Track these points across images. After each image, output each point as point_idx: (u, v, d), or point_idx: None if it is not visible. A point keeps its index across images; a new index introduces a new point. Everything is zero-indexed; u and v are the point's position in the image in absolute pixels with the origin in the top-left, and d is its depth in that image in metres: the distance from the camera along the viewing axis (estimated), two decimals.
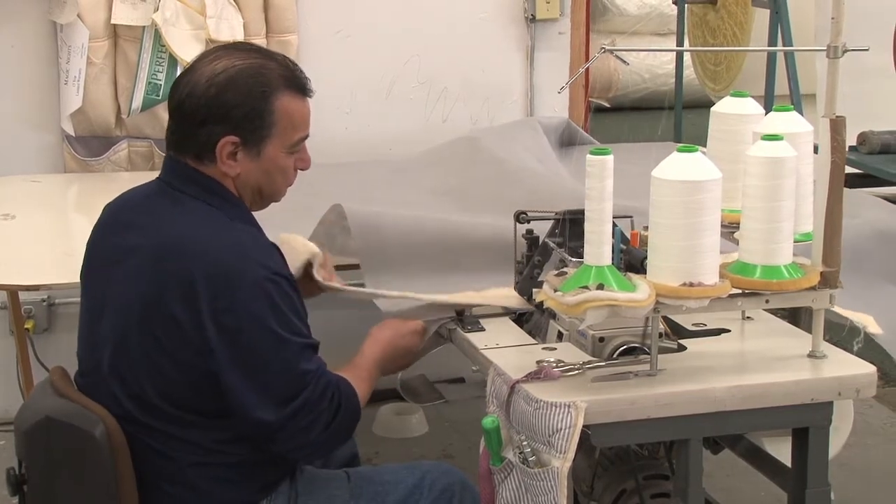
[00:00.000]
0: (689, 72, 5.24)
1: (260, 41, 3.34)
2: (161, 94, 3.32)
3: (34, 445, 1.84)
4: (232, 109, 1.82)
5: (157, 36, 3.27)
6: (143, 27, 3.28)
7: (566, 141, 3.25)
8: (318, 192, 2.57)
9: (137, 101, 3.32)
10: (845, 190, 1.81)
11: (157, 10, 3.25)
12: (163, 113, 3.38)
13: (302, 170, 1.94)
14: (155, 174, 1.96)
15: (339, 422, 1.85)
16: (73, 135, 3.35)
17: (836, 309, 1.91)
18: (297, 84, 1.89)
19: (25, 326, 3.24)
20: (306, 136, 1.92)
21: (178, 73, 3.29)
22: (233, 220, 1.85)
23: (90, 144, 3.38)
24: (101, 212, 1.97)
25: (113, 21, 3.27)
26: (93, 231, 1.96)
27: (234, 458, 1.84)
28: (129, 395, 1.83)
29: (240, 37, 3.30)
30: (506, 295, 2.13)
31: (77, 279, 1.97)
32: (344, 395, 1.86)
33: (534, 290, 2.04)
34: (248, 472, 1.86)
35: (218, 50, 1.91)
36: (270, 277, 1.79)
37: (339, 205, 2.30)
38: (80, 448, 1.78)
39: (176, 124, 1.88)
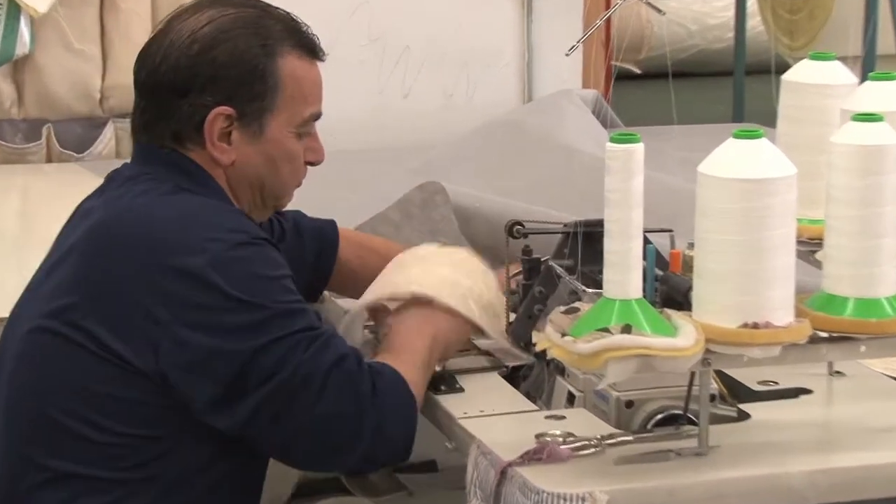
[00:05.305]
0: (754, 22, 5.29)
1: None
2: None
3: None
4: (222, 69, 1.88)
5: None
6: None
7: (604, 123, 3.28)
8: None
9: None
10: None
11: None
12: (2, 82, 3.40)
13: (313, 164, 1.99)
14: None
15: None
16: None
17: None
18: (306, 43, 1.97)
19: None
20: (319, 115, 1.97)
21: (21, 25, 3.34)
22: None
23: None
24: None
25: None
26: None
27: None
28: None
29: None
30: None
31: None
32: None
33: (533, 333, 2.05)
34: None
35: (199, 2, 1.96)
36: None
37: (435, 183, 2.47)
38: None
39: (147, 101, 1.93)
